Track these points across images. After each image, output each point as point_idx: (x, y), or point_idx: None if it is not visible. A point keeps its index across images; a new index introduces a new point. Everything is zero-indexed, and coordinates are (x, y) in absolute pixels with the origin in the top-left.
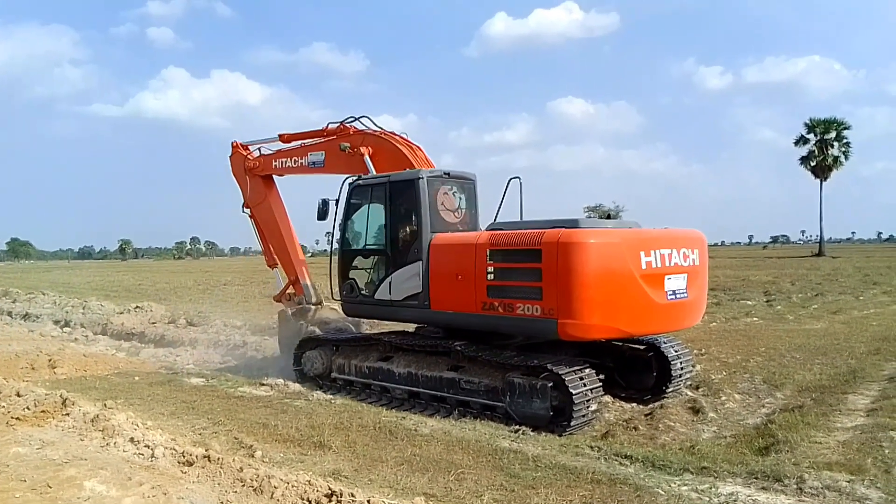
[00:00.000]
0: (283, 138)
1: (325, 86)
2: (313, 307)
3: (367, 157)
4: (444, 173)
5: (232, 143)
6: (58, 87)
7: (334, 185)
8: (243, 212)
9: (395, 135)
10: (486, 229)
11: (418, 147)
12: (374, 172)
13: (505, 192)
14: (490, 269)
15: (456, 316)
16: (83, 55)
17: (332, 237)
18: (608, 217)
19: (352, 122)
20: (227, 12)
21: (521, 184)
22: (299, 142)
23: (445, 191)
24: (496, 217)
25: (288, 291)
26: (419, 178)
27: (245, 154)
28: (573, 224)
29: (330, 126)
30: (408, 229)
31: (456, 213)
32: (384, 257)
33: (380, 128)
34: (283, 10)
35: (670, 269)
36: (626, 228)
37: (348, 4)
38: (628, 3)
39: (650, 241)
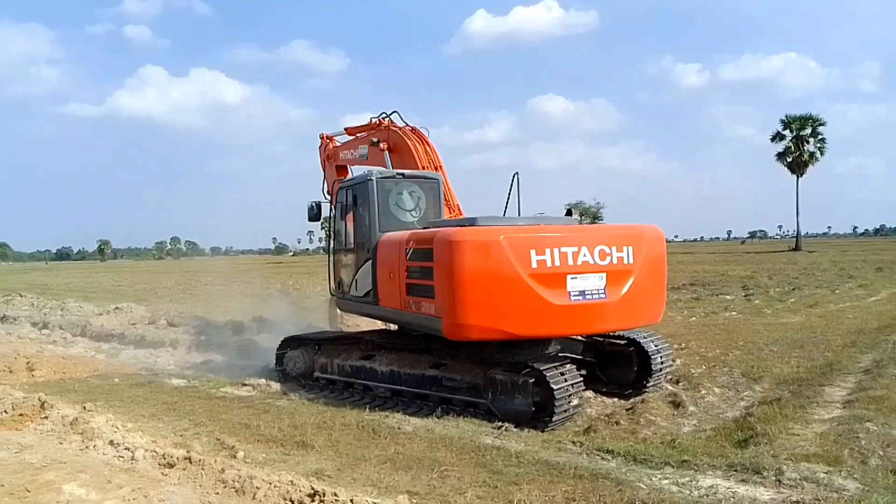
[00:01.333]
0: (348, 131)
1: (306, 84)
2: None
3: (386, 153)
4: (399, 174)
5: (319, 135)
6: (34, 86)
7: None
8: (325, 197)
9: (417, 131)
10: (421, 227)
11: (428, 143)
12: (391, 168)
13: (511, 188)
14: (407, 267)
15: (391, 312)
16: (59, 54)
17: (328, 237)
18: (568, 213)
19: (385, 117)
20: (206, 10)
21: (518, 179)
22: (356, 134)
23: (400, 191)
24: (504, 213)
25: None
26: (369, 179)
27: (327, 143)
28: (471, 222)
29: (372, 120)
30: (364, 229)
31: (412, 213)
32: (354, 256)
33: (405, 123)
34: (262, 7)
35: (576, 269)
36: (522, 226)
37: (328, 2)
38: (607, 1)
39: (545, 240)
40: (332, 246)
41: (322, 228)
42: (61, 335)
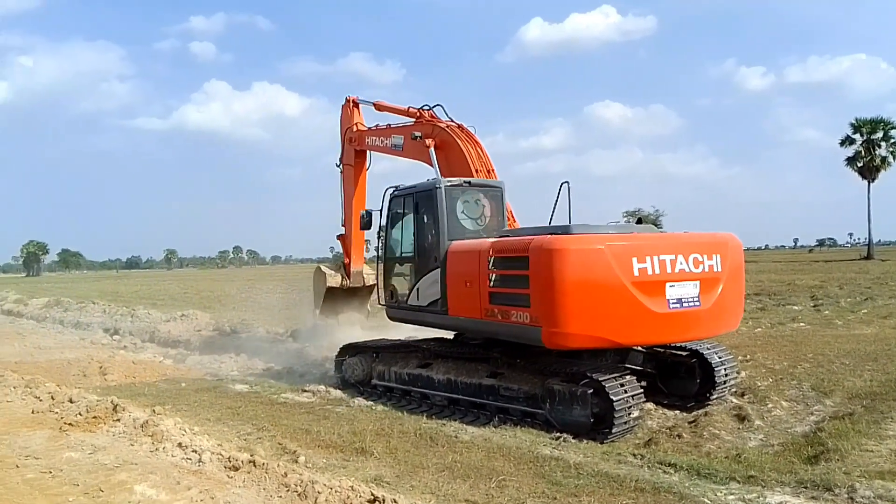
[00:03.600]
0: (377, 106)
1: (362, 95)
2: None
3: (431, 150)
4: (465, 182)
5: (347, 97)
6: (104, 101)
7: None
8: (336, 165)
9: (463, 129)
10: (497, 236)
11: (478, 144)
12: (436, 165)
13: (557, 197)
14: (491, 276)
15: (466, 322)
16: (129, 70)
17: (379, 245)
18: (639, 221)
19: (427, 110)
20: (267, 25)
21: (569, 188)
22: (387, 123)
23: (467, 199)
24: (550, 221)
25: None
26: (437, 187)
27: (352, 118)
28: (565, 230)
29: (410, 109)
30: (430, 237)
31: (479, 221)
32: (413, 265)
33: (450, 119)
34: (321, 22)
35: (673, 276)
36: (620, 234)
37: (384, 15)
38: (666, 5)
39: (645, 248)
40: (382, 254)
41: (379, 238)
42: (131, 341)
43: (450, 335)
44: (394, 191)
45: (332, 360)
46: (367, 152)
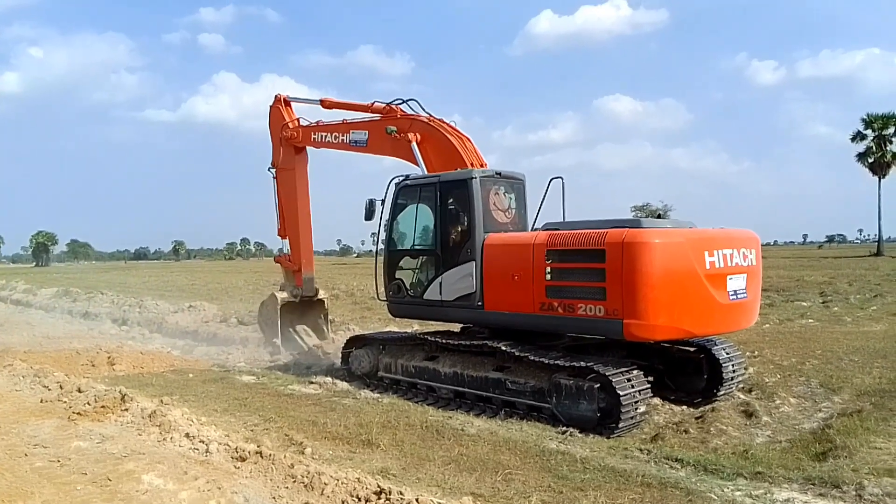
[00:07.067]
0: (325, 104)
1: (372, 88)
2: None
3: (413, 145)
4: (496, 173)
5: (276, 96)
6: (114, 93)
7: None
8: (268, 170)
9: (445, 123)
10: (541, 229)
11: (468, 139)
12: (421, 161)
13: (546, 193)
14: (548, 269)
15: (511, 316)
16: (138, 62)
17: (378, 238)
18: (658, 217)
19: (399, 104)
20: (276, 18)
21: (563, 184)
22: (342, 118)
23: (496, 191)
24: (536, 218)
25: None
26: (472, 178)
27: (285, 117)
28: (635, 224)
29: (376, 104)
30: (459, 229)
31: (506, 213)
32: (434, 258)
33: (428, 113)
34: (330, 14)
35: (732, 269)
36: (686, 228)
37: (394, 7)
38: None
39: (712, 241)
40: (384, 247)
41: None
42: (139, 331)
43: (456, 328)
44: (403, 180)
45: (338, 352)
46: (306, 150)
